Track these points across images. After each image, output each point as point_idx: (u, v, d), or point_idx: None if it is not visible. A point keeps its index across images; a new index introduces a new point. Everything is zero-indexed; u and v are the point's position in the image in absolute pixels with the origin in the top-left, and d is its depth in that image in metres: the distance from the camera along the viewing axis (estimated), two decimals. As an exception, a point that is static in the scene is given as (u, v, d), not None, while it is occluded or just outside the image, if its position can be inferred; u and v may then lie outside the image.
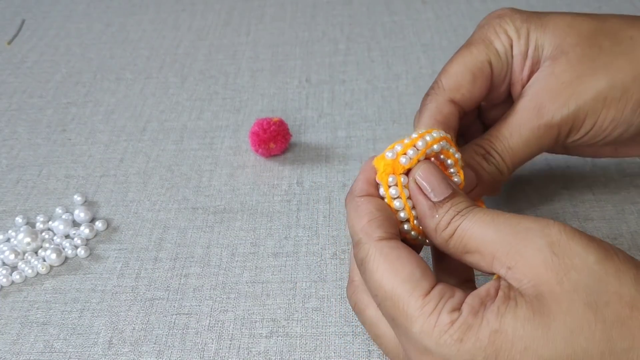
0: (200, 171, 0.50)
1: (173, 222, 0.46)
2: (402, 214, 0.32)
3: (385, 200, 0.32)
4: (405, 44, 0.63)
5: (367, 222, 0.30)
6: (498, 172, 0.36)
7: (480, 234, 0.29)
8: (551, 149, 0.38)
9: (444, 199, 0.30)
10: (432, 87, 0.37)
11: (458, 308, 0.27)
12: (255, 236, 0.44)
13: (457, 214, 0.30)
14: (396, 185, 0.32)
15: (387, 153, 0.32)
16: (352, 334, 0.37)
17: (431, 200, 0.31)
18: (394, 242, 0.30)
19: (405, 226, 0.32)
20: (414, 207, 0.32)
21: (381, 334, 0.31)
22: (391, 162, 0.32)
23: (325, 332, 0.38)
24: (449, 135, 0.34)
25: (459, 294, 0.28)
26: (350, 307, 0.39)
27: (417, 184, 0.31)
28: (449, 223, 0.30)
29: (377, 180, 0.32)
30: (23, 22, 0.73)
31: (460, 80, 0.37)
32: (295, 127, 0.53)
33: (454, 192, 0.31)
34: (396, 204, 0.32)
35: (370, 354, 0.36)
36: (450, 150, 0.33)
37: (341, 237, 0.43)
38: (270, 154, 0.50)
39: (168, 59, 0.64)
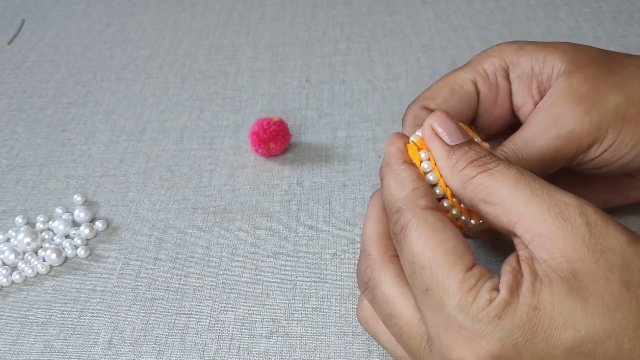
0: (200, 171, 0.50)
1: (173, 222, 0.46)
2: (437, 191, 0.31)
3: None
4: (405, 44, 0.63)
5: (411, 190, 0.30)
6: None
7: (511, 189, 0.28)
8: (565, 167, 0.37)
9: (461, 143, 0.30)
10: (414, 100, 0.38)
11: (496, 288, 0.27)
12: (255, 236, 0.44)
13: (480, 158, 0.29)
14: (428, 159, 0.31)
15: (410, 139, 0.32)
16: (352, 334, 0.37)
17: (447, 144, 0.30)
18: (438, 213, 0.29)
19: (445, 203, 0.31)
20: (447, 185, 0.31)
21: (397, 312, 0.30)
22: (419, 140, 0.32)
23: (325, 332, 0.38)
24: (466, 125, 0.33)
25: (496, 277, 0.27)
26: (348, 314, 0.39)
27: (432, 129, 0.31)
28: (468, 164, 0.29)
29: (410, 159, 0.32)
30: (23, 22, 0.73)
31: (438, 91, 0.37)
32: (295, 127, 0.53)
33: (471, 140, 0.31)
34: (430, 177, 0.31)
35: (370, 354, 0.36)
36: (475, 139, 0.32)
37: (341, 237, 0.43)
38: (270, 154, 0.50)
39: (168, 59, 0.64)
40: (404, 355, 0.32)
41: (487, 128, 0.39)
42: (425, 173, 0.31)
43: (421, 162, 0.31)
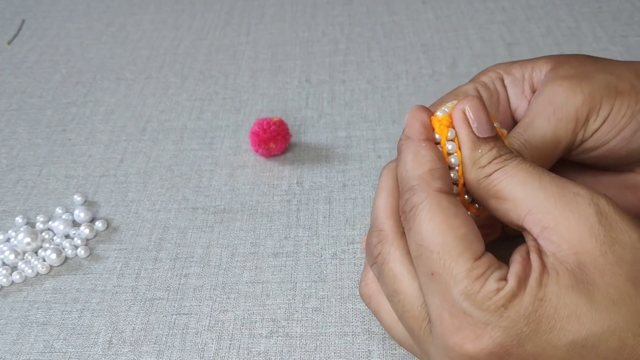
0: (200, 171, 0.50)
1: (173, 222, 0.46)
2: (452, 174, 0.30)
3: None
4: (405, 44, 0.63)
5: (428, 170, 0.29)
6: None
7: (520, 185, 0.28)
8: (568, 150, 0.37)
9: (488, 138, 0.30)
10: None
11: (504, 278, 0.27)
12: (255, 236, 0.44)
13: (500, 157, 0.29)
14: (453, 140, 0.31)
15: (437, 113, 0.31)
16: (352, 334, 0.37)
17: (475, 135, 0.30)
18: (453, 198, 0.29)
19: (454, 190, 0.31)
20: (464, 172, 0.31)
21: (402, 290, 0.30)
22: (447, 117, 0.31)
23: (325, 332, 0.38)
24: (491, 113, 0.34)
25: (505, 267, 0.27)
26: (348, 314, 0.39)
27: (464, 114, 0.30)
28: (489, 162, 0.29)
29: (437, 133, 0.31)
30: (23, 22, 0.73)
31: (443, 100, 0.37)
32: (295, 127, 0.53)
33: (497, 135, 0.30)
34: (451, 160, 0.30)
35: (370, 354, 0.36)
36: (495, 124, 0.32)
37: (341, 237, 0.43)
38: (270, 154, 0.50)
39: (168, 59, 0.64)
40: (402, 334, 0.32)
41: None
42: (449, 154, 0.30)
43: (447, 140, 0.31)
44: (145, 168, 0.51)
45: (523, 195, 0.28)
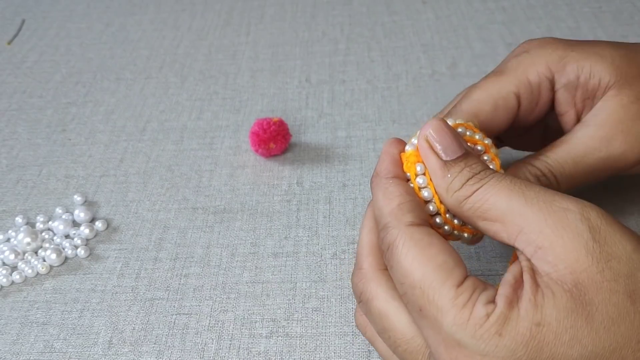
0: (200, 171, 0.50)
1: (173, 222, 0.46)
2: (431, 207, 0.30)
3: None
4: (405, 44, 0.63)
5: (397, 205, 0.29)
6: None
7: (506, 204, 0.27)
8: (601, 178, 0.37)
9: (457, 158, 0.29)
10: (450, 110, 0.36)
11: (492, 300, 0.26)
12: (255, 236, 0.44)
13: (474, 176, 0.28)
14: (424, 174, 0.30)
15: (407, 147, 0.31)
16: (352, 334, 0.37)
17: (442, 160, 0.29)
18: (425, 228, 0.28)
19: (437, 219, 0.30)
20: (442, 202, 0.30)
21: (391, 327, 0.30)
22: (415, 152, 0.30)
23: (325, 332, 0.38)
24: (471, 123, 0.32)
25: (490, 287, 0.27)
26: (348, 314, 0.39)
27: (427, 142, 0.30)
28: (463, 184, 0.28)
29: (405, 170, 0.31)
30: (23, 22, 0.73)
31: (481, 106, 0.35)
32: (295, 127, 0.53)
33: (467, 152, 0.29)
34: (424, 193, 0.30)
35: (370, 354, 0.36)
36: (476, 136, 0.32)
37: (341, 237, 0.43)
38: (270, 154, 0.50)
39: (168, 59, 0.64)
40: None
41: (517, 129, 0.38)
42: (420, 188, 0.30)
43: (417, 176, 0.30)
44: (145, 168, 0.51)
45: (510, 214, 0.27)
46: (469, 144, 0.31)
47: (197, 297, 0.40)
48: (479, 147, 0.31)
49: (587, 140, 0.34)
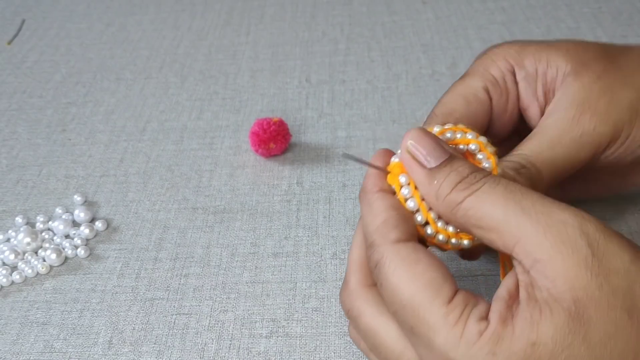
0: (200, 171, 0.50)
1: (173, 222, 0.46)
2: (419, 217, 0.29)
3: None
4: (405, 44, 0.63)
5: (381, 222, 0.29)
6: (532, 187, 0.33)
7: (501, 212, 0.26)
8: (582, 170, 0.36)
9: (441, 164, 0.28)
10: (426, 119, 0.36)
11: (485, 317, 0.25)
12: (255, 236, 0.44)
13: (463, 180, 0.28)
14: (409, 184, 0.30)
15: (392, 158, 0.31)
16: (352, 334, 0.37)
17: (426, 168, 0.28)
18: (411, 244, 0.28)
19: (429, 230, 0.30)
20: (431, 209, 0.29)
21: (380, 343, 0.29)
22: (400, 163, 0.30)
23: (325, 332, 0.38)
24: (461, 124, 0.32)
25: (482, 301, 0.26)
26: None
27: (409, 152, 0.29)
28: (452, 188, 0.28)
29: (389, 183, 0.30)
30: (23, 22, 0.73)
31: (453, 106, 0.36)
32: (295, 127, 0.53)
33: (452, 156, 0.29)
34: (410, 204, 0.29)
35: (370, 354, 0.36)
36: (468, 135, 0.31)
37: (341, 237, 0.43)
38: (270, 154, 0.50)
39: (168, 59, 0.64)
40: None
41: (499, 132, 0.38)
42: (406, 200, 0.30)
43: (401, 187, 0.30)
44: (145, 168, 0.51)
45: (506, 224, 0.26)
46: (461, 145, 0.31)
47: (197, 297, 0.40)
48: (473, 146, 0.31)
49: (558, 124, 0.34)
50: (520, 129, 0.38)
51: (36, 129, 0.56)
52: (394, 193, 0.30)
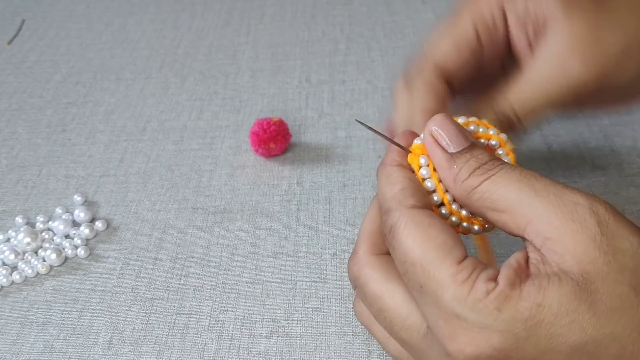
0: (200, 171, 0.50)
1: (173, 222, 0.46)
2: (435, 197, 0.30)
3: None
4: (405, 44, 0.63)
5: (399, 190, 0.30)
6: (510, 132, 0.34)
7: (515, 195, 0.28)
8: (566, 108, 0.37)
9: (462, 150, 0.30)
10: (417, 61, 0.36)
11: (493, 279, 0.26)
12: (255, 236, 0.44)
13: (481, 166, 0.29)
14: (427, 166, 0.31)
15: (415, 140, 0.32)
16: (352, 334, 0.37)
17: (447, 152, 0.30)
18: (427, 211, 0.29)
19: (443, 210, 0.31)
20: (447, 191, 0.30)
21: (385, 307, 0.30)
22: (421, 145, 0.31)
23: (325, 332, 0.38)
24: (484, 119, 0.33)
25: (491, 268, 0.27)
26: (348, 314, 0.39)
27: (432, 136, 0.30)
28: (470, 173, 0.29)
29: (409, 162, 0.31)
30: (23, 22, 0.73)
31: (445, 56, 0.36)
32: (295, 127, 0.53)
33: (473, 144, 0.30)
34: (427, 184, 0.31)
35: (370, 354, 0.36)
36: (490, 131, 0.32)
37: (341, 237, 0.43)
38: (270, 154, 0.50)
39: (168, 59, 0.64)
40: (397, 348, 0.32)
41: (487, 71, 0.38)
42: (424, 180, 0.31)
43: (420, 167, 0.31)
44: (145, 168, 0.51)
45: (519, 205, 0.27)
46: (482, 140, 0.32)
47: (197, 297, 0.40)
48: (493, 142, 0.32)
49: (546, 68, 0.34)
50: (506, 61, 0.38)
51: (36, 129, 0.56)
52: (412, 172, 0.31)
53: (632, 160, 0.47)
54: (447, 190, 0.30)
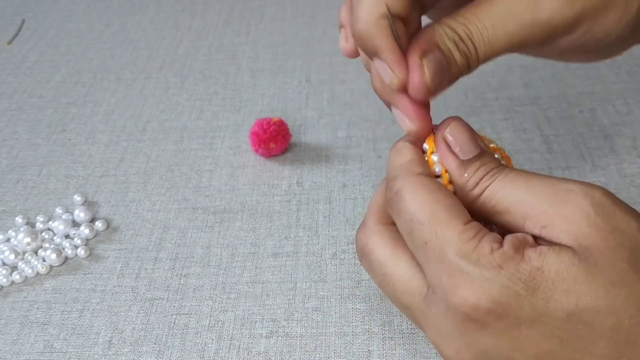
0: (200, 171, 0.50)
1: (173, 222, 0.46)
2: (439, 181, 0.31)
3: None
4: (405, 44, 0.62)
5: (407, 160, 0.31)
6: (467, 65, 0.31)
7: (511, 195, 0.29)
8: (528, 51, 0.33)
9: (473, 158, 0.30)
10: None
11: (499, 242, 0.27)
12: (255, 236, 0.44)
13: (487, 174, 0.30)
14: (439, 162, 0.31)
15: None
16: (352, 334, 0.37)
17: (459, 159, 0.30)
18: (433, 179, 0.30)
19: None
20: (451, 182, 0.31)
21: (389, 272, 0.31)
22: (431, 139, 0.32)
23: (325, 332, 0.38)
24: (485, 136, 0.33)
25: (495, 234, 0.28)
26: (348, 314, 0.39)
27: (446, 142, 0.31)
28: (477, 183, 0.30)
29: (425, 144, 0.32)
30: (23, 22, 0.73)
31: None
32: (295, 127, 0.53)
33: (483, 150, 0.31)
34: (435, 169, 0.31)
35: (370, 354, 0.36)
36: (491, 145, 0.33)
37: (341, 237, 0.43)
38: (270, 154, 0.50)
39: (168, 59, 0.64)
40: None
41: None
42: (433, 164, 0.31)
43: (432, 153, 0.32)
44: (145, 168, 0.51)
45: (515, 204, 0.28)
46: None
47: (197, 297, 0.40)
48: (496, 155, 0.32)
49: (511, 2, 0.29)
50: None
51: (36, 129, 0.56)
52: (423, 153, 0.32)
53: (632, 160, 0.47)
54: (451, 181, 0.31)
